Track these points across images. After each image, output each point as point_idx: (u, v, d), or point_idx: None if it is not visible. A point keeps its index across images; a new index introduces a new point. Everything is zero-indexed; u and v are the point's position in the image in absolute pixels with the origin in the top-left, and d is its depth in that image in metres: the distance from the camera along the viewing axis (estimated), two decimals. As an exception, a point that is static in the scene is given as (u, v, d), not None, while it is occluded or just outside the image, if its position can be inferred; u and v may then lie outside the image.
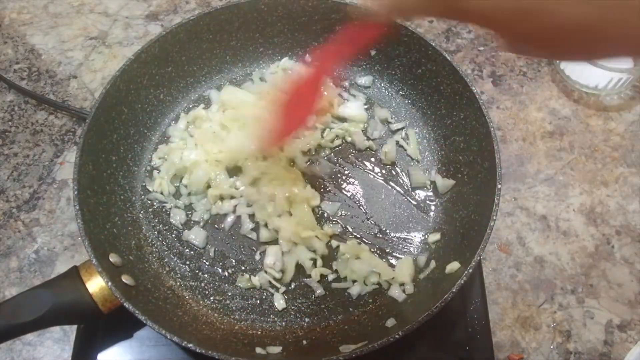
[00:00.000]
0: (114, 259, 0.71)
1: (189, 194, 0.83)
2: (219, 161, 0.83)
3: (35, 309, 0.65)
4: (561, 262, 0.84)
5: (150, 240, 0.80)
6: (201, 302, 0.76)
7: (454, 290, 0.64)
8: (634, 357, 0.72)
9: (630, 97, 0.99)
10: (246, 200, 0.81)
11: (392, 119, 0.90)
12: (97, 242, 0.70)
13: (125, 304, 0.64)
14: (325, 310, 0.75)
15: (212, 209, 0.82)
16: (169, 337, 0.62)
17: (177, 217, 0.81)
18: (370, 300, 0.76)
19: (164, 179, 0.83)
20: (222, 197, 0.82)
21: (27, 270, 0.84)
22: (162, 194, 0.83)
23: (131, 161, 0.84)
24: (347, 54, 0.67)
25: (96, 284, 0.67)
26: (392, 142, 0.87)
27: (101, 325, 0.75)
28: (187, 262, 0.78)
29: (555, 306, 0.80)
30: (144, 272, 0.76)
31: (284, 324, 0.74)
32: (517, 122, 0.97)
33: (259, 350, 0.70)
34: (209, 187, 0.82)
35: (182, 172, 0.83)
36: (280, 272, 0.77)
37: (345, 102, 0.91)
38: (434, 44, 0.82)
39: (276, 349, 0.70)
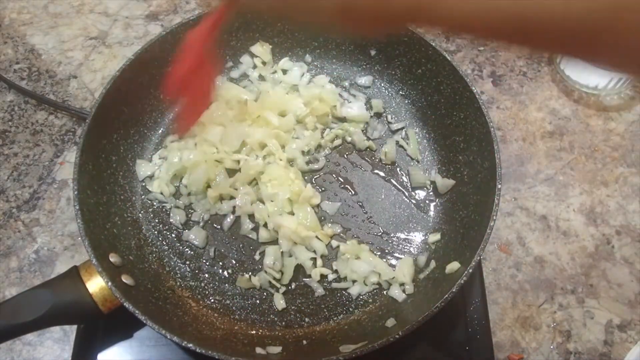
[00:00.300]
0: (114, 259, 0.71)
1: (189, 194, 0.83)
2: (218, 161, 0.83)
3: (35, 309, 0.65)
4: (561, 262, 0.84)
5: (150, 240, 0.80)
6: (201, 302, 0.76)
7: (454, 290, 0.64)
8: (634, 357, 0.72)
9: (630, 97, 0.99)
10: (246, 200, 0.81)
11: (391, 118, 0.90)
12: (97, 242, 0.70)
13: (125, 304, 0.64)
14: (325, 310, 0.75)
15: (212, 209, 0.82)
16: (169, 337, 0.62)
17: (177, 217, 0.81)
18: (370, 300, 0.76)
19: (163, 179, 0.83)
20: (221, 197, 0.82)
21: (27, 270, 0.84)
22: (162, 194, 0.83)
23: (131, 161, 0.85)
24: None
25: (96, 284, 0.67)
26: (392, 142, 0.87)
27: (101, 325, 0.75)
28: (187, 262, 0.78)
29: (555, 306, 0.80)
30: (144, 272, 0.76)
31: (284, 324, 0.74)
32: (517, 122, 0.97)
33: (259, 350, 0.70)
34: (208, 187, 0.82)
35: (182, 172, 0.83)
36: (280, 272, 0.77)
37: (345, 102, 0.91)
38: (434, 44, 0.82)
39: (276, 349, 0.70)
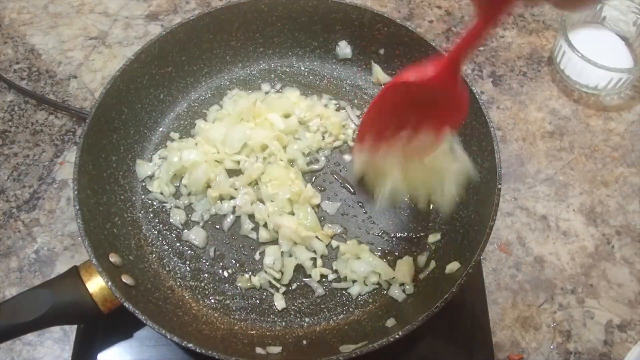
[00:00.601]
0: (114, 259, 0.71)
1: (189, 194, 0.83)
2: (218, 161, 0.83)
3: (35, 309, 0.65)
4: (561, 262, 0.84)
5: (150, 240, 0.80)
6: (201, 302, 0.76)
7: (454, 290, 0.64)
8: (634, 357, 0.72)
9: (630, 97, 0.99)
10: (246, 200, 0.81)
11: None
12: (97, 242, 0.70)
13: (125, 304, 0.64)
14: (325, 310, 0.75)
15: (212, 209, 0.82)
16: (169, 337, 0.62)
17: (177, 217, 0.81)
18: (370, 300, 0.76)
19: (163, 179, 0.83)
20: (221, 198, 0.82)
21: (27, 270, 0.84)
22: (162, 194, 0.83)
23: (131, 161, 0.85)
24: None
25: (96, 284, 0.67)
26: (392, 142, 0.87)
27: (101, 325, 0.75)
28: (187, 262, 0.78)
29: (555, 306, 0.80)
30: (144, 272, 0.76)
31: (284, 324, 0.74)
32: (517, 122, 0.97)
33: (259, 350, 0.70)
34: (208, 187, 0.82)
35: (182, 172, 0.83)
36: (280, 272, 0.77)
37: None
38: (434, 44, 0.82)
39: (276, 349, 0.70)
